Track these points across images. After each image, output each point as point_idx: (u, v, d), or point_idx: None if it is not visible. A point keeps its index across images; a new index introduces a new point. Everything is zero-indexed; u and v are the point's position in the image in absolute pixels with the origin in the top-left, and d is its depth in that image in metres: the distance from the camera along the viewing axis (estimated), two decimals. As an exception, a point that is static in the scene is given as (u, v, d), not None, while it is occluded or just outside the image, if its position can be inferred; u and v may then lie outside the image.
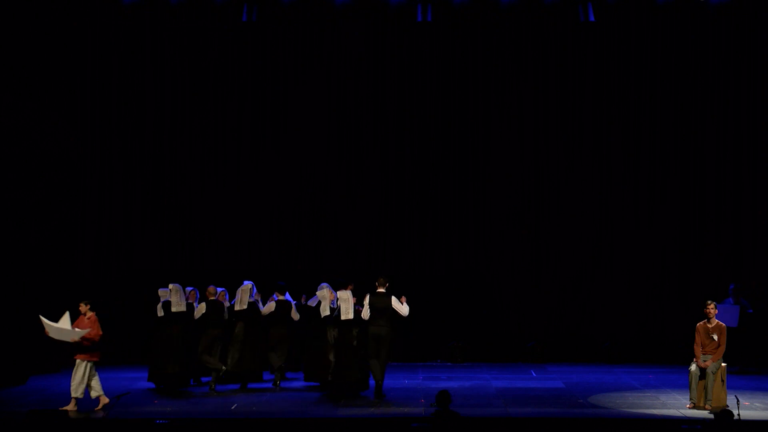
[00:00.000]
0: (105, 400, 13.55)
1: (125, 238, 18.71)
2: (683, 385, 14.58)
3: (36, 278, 17.36)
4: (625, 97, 18.76)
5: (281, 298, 15.46)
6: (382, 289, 14.52)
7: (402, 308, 14.48)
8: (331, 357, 14.73)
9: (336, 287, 15.00)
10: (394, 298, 14.46)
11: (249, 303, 15.31)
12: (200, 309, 15.28)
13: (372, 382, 14.63)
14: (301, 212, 18.88)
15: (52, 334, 13.58)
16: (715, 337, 13.63)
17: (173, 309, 15.13)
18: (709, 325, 13.73)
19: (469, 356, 18.29)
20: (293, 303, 15.59)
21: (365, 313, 14.42)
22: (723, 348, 13.59)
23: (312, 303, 15.55)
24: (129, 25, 18.69)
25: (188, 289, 15.54)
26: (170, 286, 15.21)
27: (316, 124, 18.88)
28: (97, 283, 18.46)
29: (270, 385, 15.40)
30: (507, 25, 18.77)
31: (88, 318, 13.80)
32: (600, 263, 18.72)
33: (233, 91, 18.88)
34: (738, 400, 12.52)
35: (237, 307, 15.28)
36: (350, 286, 15.16)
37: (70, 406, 13.41)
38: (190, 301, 15.35)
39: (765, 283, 18.27)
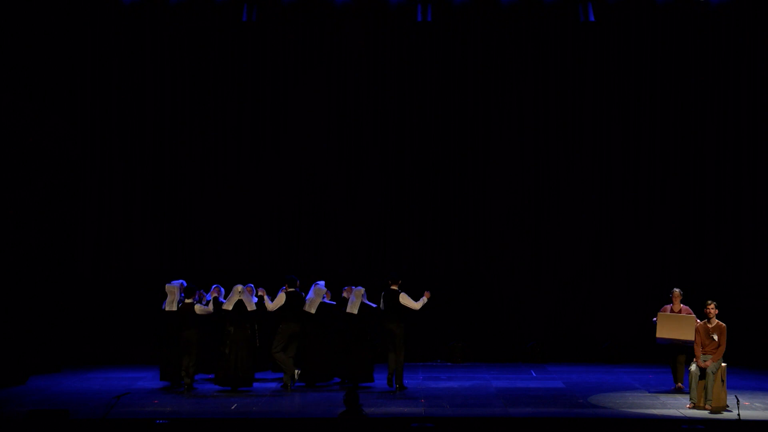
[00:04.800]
0: None
1: (125, 238, 18.71)
2: (683, 385, 14.60)
3: (36, 278, 17.37)
4: (625, 97, 18.76)
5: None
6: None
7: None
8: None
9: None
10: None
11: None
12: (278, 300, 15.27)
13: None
14: (301, 212, 18.88)
15: None
16: (715, 337, 13.63)
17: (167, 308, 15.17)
18: (709, 325, 13.73)
19: (469, 356, 18.28)
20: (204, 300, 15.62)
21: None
22: (723, 348, 13.59)
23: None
24: (129, 25, 18.68)
25: (213, 286, 15.55)
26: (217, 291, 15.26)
27: (316, 124, 18.88)
28: (97, 283, 18.49)
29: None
30: (507, 25, 18.76)
31: None
32: (600, 263, 18.72)
33: (233, 91, 18.88)
34: (738, 400, 12.53)
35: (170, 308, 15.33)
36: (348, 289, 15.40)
37: None
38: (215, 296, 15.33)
39: (765, 283, 18.29)
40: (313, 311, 15.23)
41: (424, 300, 15.04)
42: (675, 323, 14.29)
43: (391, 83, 18.89)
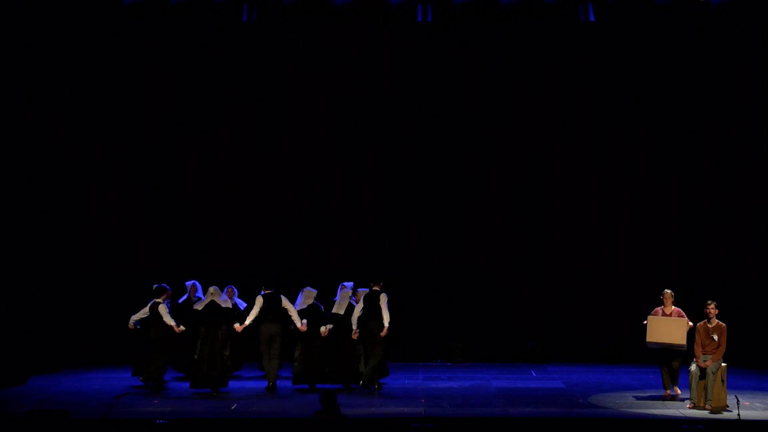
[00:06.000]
0: None
1: (125, 238, 18.71)
2: (683, 385, 14.59)
3: (36, 278, 17.38)
4: (625, 97, 18.76)
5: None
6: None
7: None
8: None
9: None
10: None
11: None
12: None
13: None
14: (301, 212, 18.89)
15: None
16: (715, 337, 13.62)
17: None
18: (709, 325, 13.73)
19: (469, 356, 18.28)
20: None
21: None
22: (723, 348, 13.58)
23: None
24: (129, 25, 18.69)
25: (227, 287, 15.65)
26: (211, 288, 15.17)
27: (316, 124, 18.89)
28: (97, 283, 18.49)
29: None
30: (507, 25, 18.77)
31: None
32: (600, 263, 18.72)
33: (233, 91, 18.88)
34: (738, 400, 12.53)
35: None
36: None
37: None
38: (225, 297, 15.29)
39: (765, 283, 18.29)
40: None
41: (387, 323, 14.86)
42: (665, 326, 14.11)
43: (391, 83, 18.89)
